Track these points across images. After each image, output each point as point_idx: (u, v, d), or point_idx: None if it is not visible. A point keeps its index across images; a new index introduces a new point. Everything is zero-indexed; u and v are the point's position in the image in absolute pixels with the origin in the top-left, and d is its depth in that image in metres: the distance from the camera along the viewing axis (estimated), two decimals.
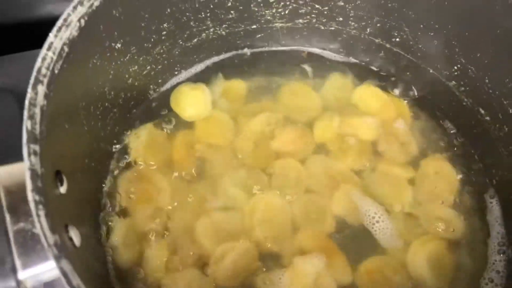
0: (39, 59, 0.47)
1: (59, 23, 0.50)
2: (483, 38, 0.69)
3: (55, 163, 0.47)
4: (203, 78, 0.82)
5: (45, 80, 0.46)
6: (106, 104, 0.66)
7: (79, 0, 0.52)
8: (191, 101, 0.79)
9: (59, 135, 0.50)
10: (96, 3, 0.54)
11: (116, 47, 0.63)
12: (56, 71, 0.48)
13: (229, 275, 0.65)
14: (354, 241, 0.70)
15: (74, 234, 0.45)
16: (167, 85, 0.81)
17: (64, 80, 0.50)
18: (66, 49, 0.50)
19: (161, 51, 0.74)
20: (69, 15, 0.51)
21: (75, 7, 0.52)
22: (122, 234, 0.67)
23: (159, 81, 0.79)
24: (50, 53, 0.48)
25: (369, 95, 0.83)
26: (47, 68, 0.47)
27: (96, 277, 0.53)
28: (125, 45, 0.65)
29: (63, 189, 0.48)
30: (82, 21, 0.52)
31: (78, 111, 0.57)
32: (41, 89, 0.46)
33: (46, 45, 0.48)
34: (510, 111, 0.70)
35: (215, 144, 0.77)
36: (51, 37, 0.49)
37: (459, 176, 0.77)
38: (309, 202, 0.73)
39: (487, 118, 0.74)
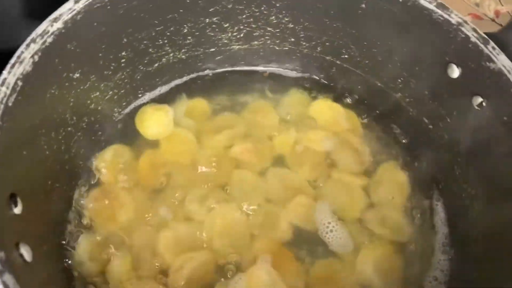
0: None
1: (12, 60, 0.56)
2: (419, 53, 0.74)
3: (8, 187, 0.52)
4: (167, 98, 0.88)
5: None
6: (69, 129, 0.71)
7: (32, 38, 0.58)
8: (154, 121, 0.84)
9: (14, 162, 0.55)
10: (49, 40, 0.60)
11: (75, 76, 0.68)
12: (10, 104, 0.54)
13: (188, 284, 0.70)
14: (308, 248, 0.75)
15: (26, 251, 0.50)
16: (131, 106, 0.86)
17: (19, 111, 0.55)
18: (20, 83, 0.55)
19: (122, 76, 0.79)
20: (22, 52, 0.57)
21: (28, 45, 0.57)
22: (86, 248, 0.72)
23: (123, 104, 0.84)
24: (3, 88, 0.53)
25: (324, 108, 0.89)
26: (0, 102, 0.52)
27: (54, 284, 0.57)
28: (84, 74, 0.70)
29: (17, 210, 0.53)
30: (36, 57, 0.58)
31: (37, 137, 0.62)
32: None
33: None
34: (448, 120, 0.75)
35: (178, 161, 0.82)
36: (4, 74, 0.54)
37: (410, 182, 0.81)
38: (266, 212, 0.78)
39: (430, 126, 0.79)
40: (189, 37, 0.83)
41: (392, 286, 0.72)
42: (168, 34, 0.79)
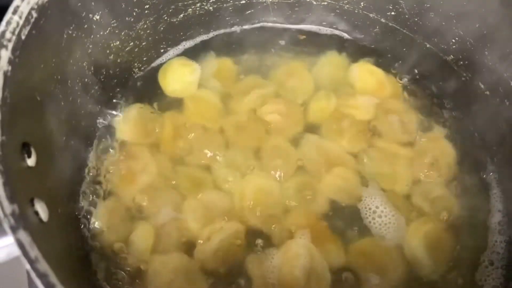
0: (3, 23, 0.44)
1: None
2: (482, 7, 0.65)
3: (21, 134, 0.45)
4: (191, 56, 0.79)
5: (10, 45, 0.44)
6: (86, 79, 0.63)
7: None
8: (179, 76, 0.76)
9: (27, 106, 0.47)
10: None
11: (94, 18, 0.60)
12: (22, 37, 0.46)
13: (216, 257, 0.63)
14: (347, 223, 0.67)
15: (41, 209, 0.43)
16: (153, 64, 0.78)
17: (33, 47, 0.48)
18: (34, 14, 0.47)
19: (145, 26, 0.71)
20: None
21: None
22: (105, 214, 0.65)
23: (144, 59, 0.76)
24: (15, 17, 0.45)
25: (365, 73, 0.80)
26: (12, 33, 0.44)
27: (68, 255, 0.50)
28: (104, 17, 0.62)
29: (30, 162, 0.45)
30: None
31: (52, 84, 0.54)
32: (5, 53, 0.43)
33: (11, 9, 0.45)
34: (511, 84, 0.66)
35: (204, 125, 0.74)
36: (17, 0, 0.46)
37: (459, 154, 0.73)
38: (301, 182, 0.70)
39: (487, 92, 0.71)
40: None
41: (442, 267, 0.65)
42: None
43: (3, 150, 0.38)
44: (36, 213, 0.42)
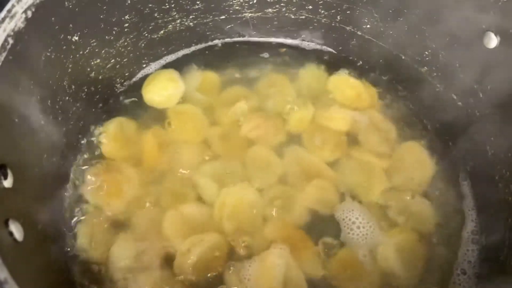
0: None
1: (2, 14, 0.49)
2: (451, 22, 0.67)
3: None
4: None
5: None
6: (67, 98, 0.65)
7: None
8: (163, 88, 0.78)
9: (4, 128, 0.49)
10: None
11: (73, 39, 0.62)
12: None
13: (196, 268, 0.64)
14: (325, 233, 0.69)
15: (16, 229, 0.44)
16: (135, 79, 0.79)
17: (9, 72, 0.49)
18: (10, 41, 0.49)
19: (125, 43, 0.73)
20: (13, 6, 0.50)
21: None
22: (87, 229, 0.66)
23: (126, 74, 0.78)
24: None
25: (343, 84, 0.82)
26: None
27: (48, 271, 0.52)
28: (83, 38, 0.63)
29: (7, 183, 0.47)
30: (29, 12, 0.52)
31: (31, 105, 0.55)
32: None
33: None
34: (481, 96, 0.68)
35: (187, 138, 0.76)
36: None
37: (435, 164, 0.75)
38: (281, 193, 0.72)
39: (460, 103, 0.73)
40: (198, 2, 0.76)
41: (415, 277, 0.66)
42: None
43: None
44: (10, 233, 0.43)
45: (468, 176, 0.73)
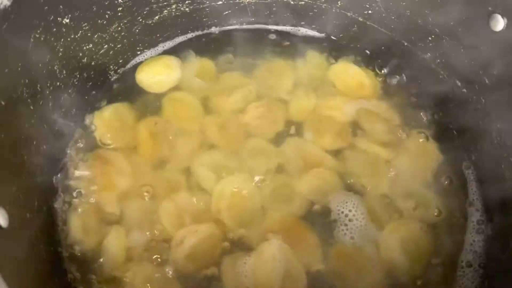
0: None
1: None
2: (455, 6, 0.65)
3: None
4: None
5: None
6: (58, 83, 0.62)
7: None
8: (159, 72, 0.75)
9: None
10: None
11: (64, 22, 0.59)
12: None
13: (189, 260, 0.62)
14: (324, 225, 0.66)
15: (1, 215, 0.42)
16: (129, 65, 0.77)
17: None
18: None
19: (119, 28, 0.70)
20: None
21: None
22: (80, 218, 0.65)
23: (120, 61, 0.75)
24: None
25: (345, 72, 0.80)
26: None
27: (37, 261, 0.49)
28: (75, 20, 0.61)
29: None
30: None
31: (19, 88, 0.53)
32: None
33: None
34: (487, 82, 0.66)
35: (183, 127, 0.73)
36: None
37: (439, 152, 0.72)
38: (279, 184, 0.70)
39: (464, 90, 0.70)
40: None
41: (419, 269, 0.64)
42: None
43: None
44: None
45: (473, 165, 0.71)
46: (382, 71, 0.80)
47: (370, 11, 0.76)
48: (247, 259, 0.63)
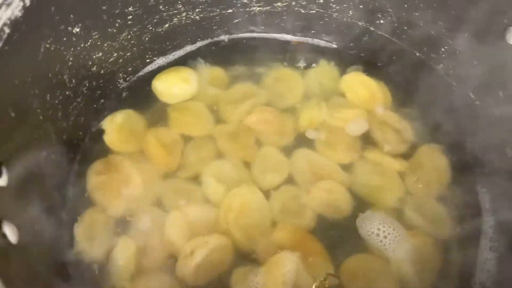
0: None
1: None
2: (470, 17, 0.64)
3: None
4: (180, 66, 0.78)
5: None
6: (67, 92, 0.62)
7: None
8: (175, 84, 0.75)
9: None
10: None
11: (74, 31, 0.59)
12: None
13: (199, 272, 0.61)
14: (335, 238, 0.66)
15: (10, 231, 0.41)
16: (139, 74, 0.76)
17: (6, 63, 0.46)
18: (7, 30, 0.46)
19: (129, 37, 0.70)
20: None
21: None
22: (87, 228, 0.64)
23: (129, 69, 0.75)
24: None
25: (356, 83, 0.79)
26: None
27: (45, 274, 0.49)
28: (85, 29, 0.61)
29: (2, 182, 0.44)
30: (27, 0, 0.48)
31: (29, 98, 0.52)
32: None
33: None
34: (500, 95, 0.65)
35: (192, 135, 0.73)
36: None
37: (451, 167, 0.71)
38: (289, 196, 0.69)
39: (477, 102, 0.69)
40: None
41: (429, 283, 0.63)
42: None
43: None
44: (3, 235, 0.40)
45: (486, 179, 0.70)
46: (393, 81, 0.79)
47: (382, 21, 0.75)
48: (258, 272, 0.62)
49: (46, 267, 0.52)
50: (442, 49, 0.71)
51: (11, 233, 0.41)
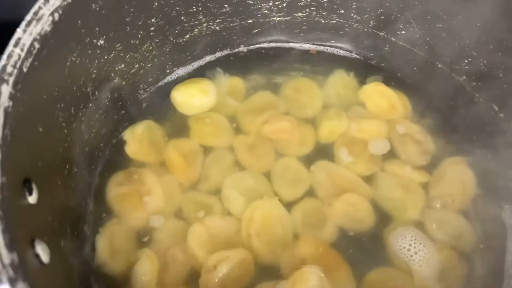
0: (4, 56, 0.43)
1: (28, 17, 0.46)
2: (497, 28, 0.64)
3: (23, 171, 0.43)
4: (200, 76, 0.78)
5: (11, 79, 0.42)
6: (90, 105, 0.62)
7: None
8: (194, 96, 0.74)
9: (29, 139, 0.45)
10: None
11: (99, 43, 0.59)
12: (24, 69, 0.44)
13: (222, 286, 0.60)
14: (357, 251, 0.65)
15: (42, 250, 0.41)
16: (159, 84, 0.76)
17: (35, 79, 0.46)
18: (37, 45, 0.46)
19: (150, 48, 0.69)
20: (40, 8, 0.47)
21: (47, 0, 0.47)
22: (109, 242, 0.63)
23: (150, 80, 0.74)
24: (17, 50, 0.44)
25: (376, 93, 0.78)
26: (13, 66, 0.43)
27: None
28: (109, 41, 0.60)
29: (32, 199, 0.43)
30: (56, 15, 0.48)
31: (55, 112, 0.52)
32: (6, 89, 0.41)
33: (12, 41, 0.44)
34: None
35: (212, 146, 0.72)
36: (19, 32, 0.45)
37: (477, 182, 0.70)
38: (311, 209, 0.68)
39: (501, 115, 0.69)
40: (226, 5, 0.72)
41: None
42: (203, 0, 0.69)
43: (3, 193, 0.36)
44: (37, 255, 0.40)
45: (510, 195, 0.69)
46: (414, 93, 0.78)
47: (403, 32, 0.75)
48: (281, 287, 0.61)
49: (72, 284, 0.51)
50: (466, 61, 0.71)
51: (43, 253, 0.41)
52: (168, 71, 0.76)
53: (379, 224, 0.67)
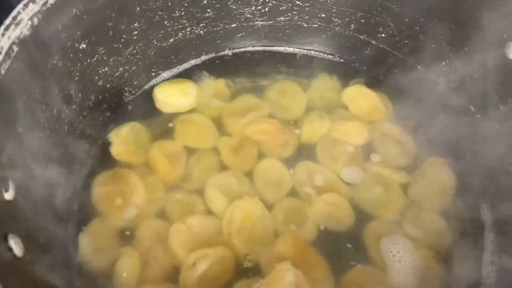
0: None
1: (7, 21, 0.48)
2: (470, 31, 0.65)
3: None
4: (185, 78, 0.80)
5: None
6: (73, 107, 0.63)
7: None
8: (176, 95, 0.76)
9: (5, 137, 0.47)
10: (52, 1, 0.52)
11: (81, 47, 0.60)
12: (2, 71, 0.46)
13: (201, 284, 0.62)
14: (336, 250, 0.66)
15: (16, 244, 0.42)
16: (145, 87, 0.78)
17: (14, 81, 0.48)
18: (15, 48, 0.48)
19: (134, 51, 0.71)
20: (19, 13, 0.49)
21: (26, 5, 0.49)
22: (92, 240, 0.65)
23: (135, 83, 0.76)
24: None
25: (358, 96, 0.79)
26: None
27: (48, 286, 0.50)
28: (91, 45, 0.62)
29: (8, 196, 0.45)
30: (35, 19, 0.50)
31: (35, 113, 0.54)
32: None
33: None
34: (502, 108, 0.65)
35: (196, 147, 0.74)
36: None
37: (456, 182, 0.71)
38: (291, 208, 0.69)
39: (478, 115, 0.70)
40: (209, 10, 0.74)
41: None
42: (185, 5, 0.71)
43: None
44: (10, 249, 0.42)
45: (489, 196, 0.70)
46: (395, 95, 0.79)
47: (383, 35, 0.76)
48: (260, 284, 0.62)
49: (52, 280, 0.53)
50: (443, 62, 0.72)
51: (16, 246, 0.42)
52: (153, 74, 0.78)
53: (358, 223, 0.68)
